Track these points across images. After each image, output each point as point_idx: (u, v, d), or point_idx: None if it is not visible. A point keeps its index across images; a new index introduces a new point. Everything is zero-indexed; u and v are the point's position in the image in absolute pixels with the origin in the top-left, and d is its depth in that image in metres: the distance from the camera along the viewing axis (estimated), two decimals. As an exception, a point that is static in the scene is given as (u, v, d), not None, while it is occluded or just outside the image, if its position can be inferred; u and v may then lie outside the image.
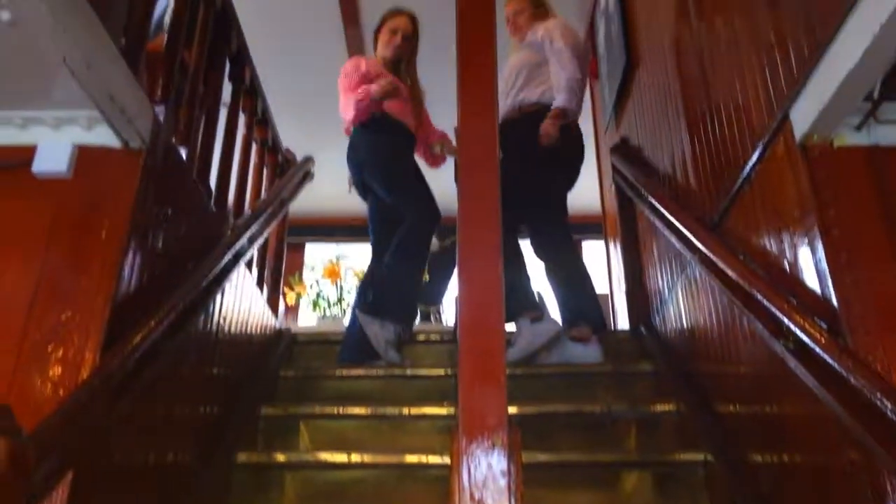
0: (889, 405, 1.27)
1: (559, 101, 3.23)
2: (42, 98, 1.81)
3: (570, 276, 3.31)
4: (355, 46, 5.04)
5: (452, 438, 1.10)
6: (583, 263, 3.44)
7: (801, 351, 1.62)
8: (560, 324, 3.15)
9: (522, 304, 3.13)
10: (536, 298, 3.21)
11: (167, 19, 2.50)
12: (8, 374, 1.60)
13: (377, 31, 3.60)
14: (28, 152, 1.85)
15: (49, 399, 1.54)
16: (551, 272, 3.35)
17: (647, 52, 3.40)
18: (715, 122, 2.37)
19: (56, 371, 1.59)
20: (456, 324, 1.42)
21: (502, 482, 1.04)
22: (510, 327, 3.17)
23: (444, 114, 3.64)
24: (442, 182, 3.52)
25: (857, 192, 1.72)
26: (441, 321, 5.50)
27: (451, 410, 2.51)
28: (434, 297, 5.80)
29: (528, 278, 3.25)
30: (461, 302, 1.29)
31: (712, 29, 2.42)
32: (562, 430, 2.57)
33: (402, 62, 3.56)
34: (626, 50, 3.71)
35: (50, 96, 1.80)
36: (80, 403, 1.39)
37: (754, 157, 2.01)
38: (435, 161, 3.76)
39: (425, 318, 5.46)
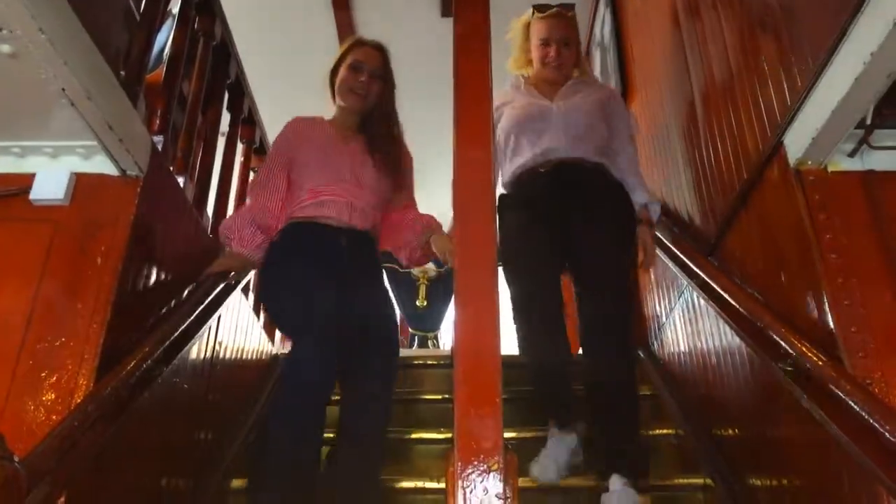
0: (887, 427, 1.26)
1: (656, 208, 2.57)
2: (41, 128, 1.82)
3: None
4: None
5: (448, 462, 1.10)
6: None
7: (798, 374, 1.62)
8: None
9: None
10: None
11: (167, 52, 2.53)
12: (1, 400, 1.59)
13: (333, 72, 2.47)
14: (26, 180, 1.86)
15: (42, 424, 1.54)
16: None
17: (642, 81, 3.44)
18: (710, 147, 2.38)
19: (49, 396, 1.58)
20: (453, 349, 1.41)
21: (498, 506, 1.03)
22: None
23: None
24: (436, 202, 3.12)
25: (853, 217, 1.73)
26: (438, 346, 5.51)
27: (449, 435, 2.49)
28: (432, 324, 5.82)
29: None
30: (457, 326, 1.29)
31: (706, 57, 2.44)
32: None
33: (373, 114, 2.43)
34: (622, 79, 3.75)
35: (49, 126, 1.81)
36: (72, 428, 1.38)
37: (749, 182, 2.03)
38: (417, 258, 2.39)
39: (423, 343, 5.47)
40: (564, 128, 2.48)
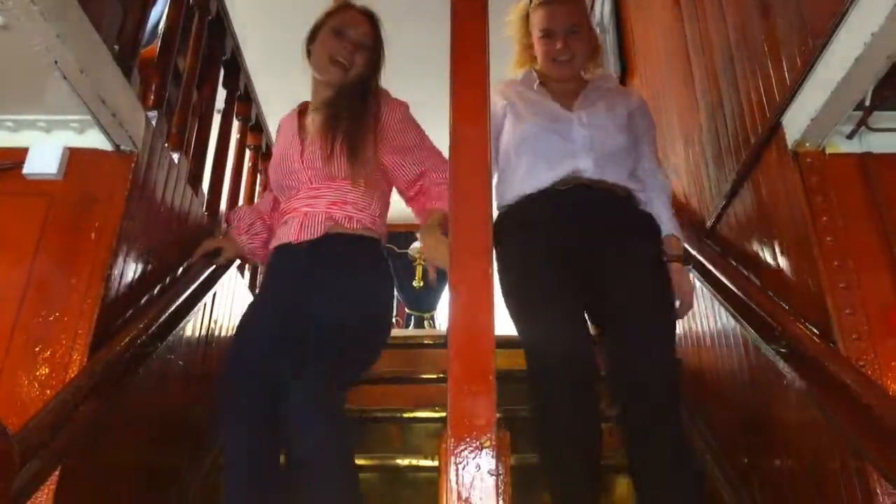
0: (879, 408, 1.26)
1: (682, 245, 2.11)
2: (34, 101, 1.81)
3: None
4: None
5: (441, 439, 1.10)
6: None
7: (792, 355, 1.63)
8: None
9: None
10: None
11: (162, 26, 2.51)
12: (-5, 375, 1.59)
13: (310, 40, 2.07)
14: (20, 154, 1.85)
15: (36, 399, 1.54)
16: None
17: (641, 62, 3.41)
18: (708, 128, 2.37)
19: (43, 371, 1.58)
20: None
21: (490, 483, 1.03)
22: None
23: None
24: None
25: (849, 199, 1.73)
26: (434, 327, 5.53)
27: (444, 414, 2.50)
28: (428, 304, 5.83)
29: None
30: (451, 303, 1.29)
31: (706, 36, 2.43)
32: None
33: (351, 88, 1.98)
34: (621, 60, 3.73)
35: (42, 100, 1.79)
36: (66, 403, 1.38)
37: (747, 164, 2.02)
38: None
39: (419, 324, 5.48)
40: (591, 147, 2.01)
